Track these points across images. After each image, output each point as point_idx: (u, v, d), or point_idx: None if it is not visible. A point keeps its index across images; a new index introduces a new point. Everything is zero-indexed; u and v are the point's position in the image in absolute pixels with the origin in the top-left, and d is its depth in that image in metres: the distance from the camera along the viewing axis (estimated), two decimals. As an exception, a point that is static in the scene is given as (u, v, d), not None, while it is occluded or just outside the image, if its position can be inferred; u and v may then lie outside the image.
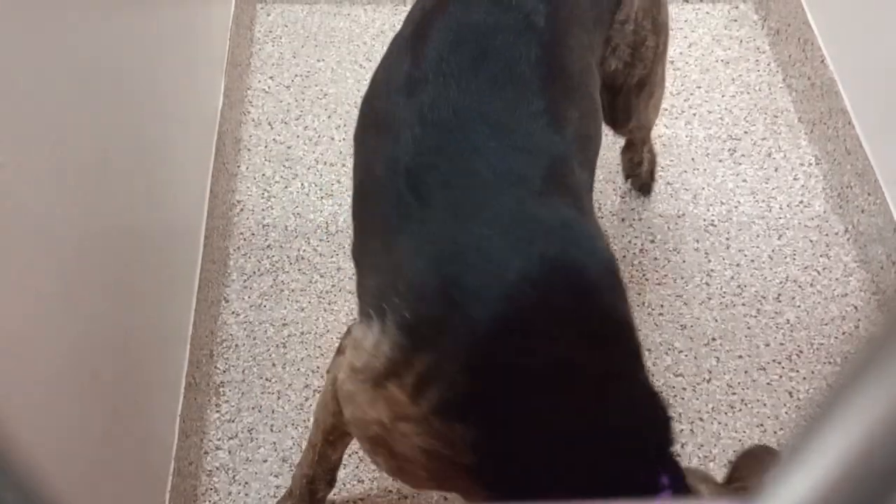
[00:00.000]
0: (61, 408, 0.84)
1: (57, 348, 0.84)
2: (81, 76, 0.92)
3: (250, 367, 1.44)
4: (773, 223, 1.62)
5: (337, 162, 1.70)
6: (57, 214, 0.85)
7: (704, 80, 1.85)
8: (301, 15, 1.97)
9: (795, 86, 1.81)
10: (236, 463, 1.34)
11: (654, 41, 1.21)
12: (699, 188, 1.67)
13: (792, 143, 1.75)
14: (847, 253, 1.58)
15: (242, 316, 1.50)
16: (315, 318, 1.49)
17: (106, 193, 0.99)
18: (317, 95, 1.81)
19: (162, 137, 1.23)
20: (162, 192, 1.22)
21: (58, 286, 0.84)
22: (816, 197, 1.67)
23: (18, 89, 0.76)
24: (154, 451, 1.15)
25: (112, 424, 0.99)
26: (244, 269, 1.55)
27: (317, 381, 1.42)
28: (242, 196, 1.65)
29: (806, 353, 1.46)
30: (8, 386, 0.73)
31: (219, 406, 1.40)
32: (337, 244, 1.58)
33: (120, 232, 1.04)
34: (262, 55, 1.89)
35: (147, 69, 1.18)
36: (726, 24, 1.96)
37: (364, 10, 1.97)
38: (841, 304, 1.52)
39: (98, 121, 0.97)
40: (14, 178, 0.74)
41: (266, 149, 1.73)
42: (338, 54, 1.89)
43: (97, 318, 0.95)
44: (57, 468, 0.82)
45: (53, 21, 0.85)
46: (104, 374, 0.96)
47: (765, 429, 1.37)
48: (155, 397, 1.17)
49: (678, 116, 1.79)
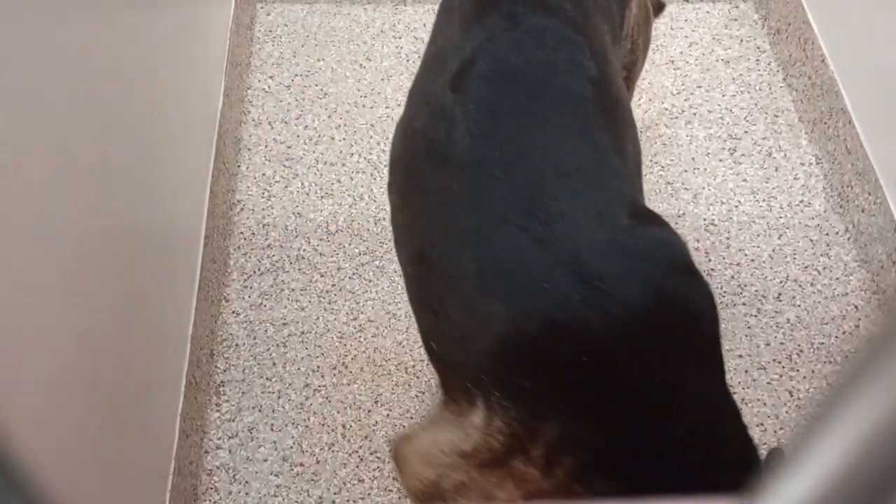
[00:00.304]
0: (61, 408, 0.84)
1: (57, 348, 0.84)
2: (82, 76, 0.92)
3: (250, 366, 1.44)
4: (774, 223, 1.62)
5: (337, 161, 1.70)
6: (57, 214, 0.84)
7: (705, 80, 1.85)
8: (301, 14, 1.97)
9: (796, 85, 1.81)
10: (237, 462, 1.34)
11: (642, 60, 1.20)
12: (699, 188, 1.67)
13: (792, 143, 1.75)
14: (847, 252, 1.58)
15: (243, 315, 1.50)
16: (315, 318, 1.49)
17: (106, 193, 0.99)
18: (317, 95, 1.81)
19: (162, 137, 1.23)
20: (162, 192, 1.22)
21: (58, 286, 0.84)
22: (817, 196, 1.67)
23: (18, 89, 0.76)
24: (154, 451, 1.15)
25: (112, 424, 0.99)
26: (244, 269, 1.55)
27: (317, 381, 1.42)
28: (242, 196, 1.65)
29: (806, 352, 1.46)
30: (8, 386, 0.73)
31: (219, 405, 1.40)
32: (337, 244, 1.58)
33: (120, 232, 1.04)
34: (262, 55, 1.89)
35: (147, 69, 1.18)
36: (726, 24, 1.96)
37: (364, 10, 1.97)
38: (841, 303, 1.52)
39: (98, 121, 0.97)
40: (14, 178, 0.74)
41: (266, 148, 1.73)
42: (338, 54, 1.89)
43: (97, 318, 0.95)
44: (57, 468, 0.82)
45: (53, 21, 0.85)
46: (104, 374, 0.96)
47: (765, 428, 1.37)
48: (155, 397, 1.17)
49: (678, 116, 1.79)
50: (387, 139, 1.73)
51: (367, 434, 1.37)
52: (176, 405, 1.24)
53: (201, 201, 1.45)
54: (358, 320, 1.49)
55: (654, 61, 1.88)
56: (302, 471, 1.33)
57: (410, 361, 1.44)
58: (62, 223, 0.86)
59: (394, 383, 1.42)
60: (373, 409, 1.39)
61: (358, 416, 1.38)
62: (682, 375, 0.76)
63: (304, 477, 1.33)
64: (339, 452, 1.35)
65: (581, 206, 0.81)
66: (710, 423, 0.77)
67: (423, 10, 1.95)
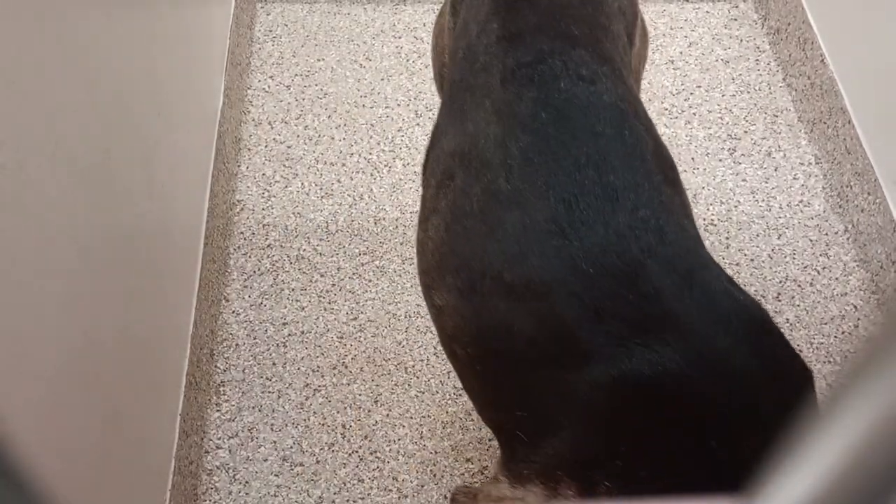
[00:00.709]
0: (61, 408, 0.84)
1: (57, 348, 0.84)
2: (82, 76, 0.92)
3: (251, 366, 1.44)
4: (773, 222, 1.62)
5: (337, 161, 1.70)
6: (57, 214, 0.84)
7: (704, 80, 1.85)
8: (301, 14, 1.97)
9: (795, 85, 1.81)
10: (237, 462, 1.34)
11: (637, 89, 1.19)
12: (699, 187, 1.67)
13: (792, 143, 1.75)
14: (847, 252, 1.58)
15: (243, 315, 1.50)
16: (315, 318, 1.49)
17: (106, 193, 0.99)
18: (317, 95, 1.81)
19: (162, 137, 1.23)
20: (162, 192, 1.22)
21: (58, 286, 0.84)
22: (816, 196, 1.67)
23: (19, 89, 0.76)
24: (154, 451, 1.15)
25: (112, 424, 0.99)
26: (244, 269, 1.55)
27: (317, 381, 1.42)
28: (243, 195, 1.65)
29: (805, 352, 1.46)
30: (8, 386, 0.73)
31: (219, 405, 1.40)
32: (337, 244, 1.58)
33: (120, 232, 1.04)
34: (262, 54, 1.89)
35: (147, 69, 1.18)
36: (726, 24, 1.96)
37: (364, 10, 1.97)
38: (840, 303, 1.52)
39: (98, 121, 0.97)
40: (14, 178, 0.74)
41: (266, 148, 1.73)
42: (338, 53, 1.89)
43: (97, 318, 0.95)
44: (57, 468, 0.82)
45: (53, 21, 0.85)
46: (104, 374, 0.96)
47: (765, 428, 1.37)
48: (155, 397, 1.17)
49: (678, 116, 1.79)
50: (387, 139, 1.73)
51: (366, 434, 1.37)
52: (176, 405, 1.24)
53: (201, 201, 1.45)
54: (358, 320, 1.49)
55: (653, 61, 1.88)
56: (302, 470, 1.33)
57: (410, 361, 1.44)
58: (62, 223, 0.86)
59: (394, 383, 1.42)
60: (373, 409, 1.39)
61: (358, 416, 1.38)
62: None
63: (304, 477, 1.33)
64: (338, 452, 1.35)
65: (676, 282, 0.78)
66: None
67: (422, 9, 1.95)
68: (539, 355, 0.79)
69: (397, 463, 1.34)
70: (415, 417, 1.39)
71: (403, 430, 1.37)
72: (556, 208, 0.81)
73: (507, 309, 0.81)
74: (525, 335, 0.80)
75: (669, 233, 0.81)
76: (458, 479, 1.33)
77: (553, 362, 0.78)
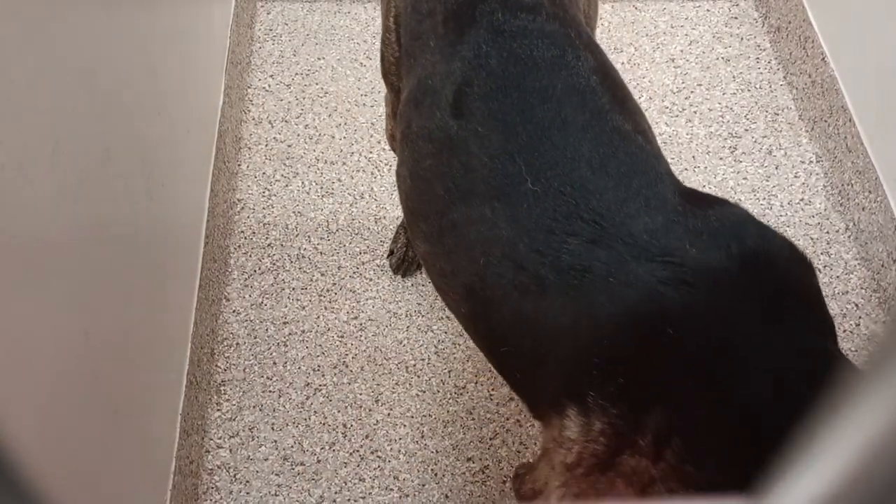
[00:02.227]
0: (61, 408, 0.84)
1: (57, 348, 0.83)
2: (82, 76, 0.92)
3: (251, 365, 1.44)
4: (774, 221, 1.62)
5: (337, 160, 1.70)
6: (57, 214, 0.84)
7: (705, 78, 1.85)
8: (301, 13, 1.97)
9: (796, 83, 1.81)
10: (237, 461, 1.34)
11: (594, 30, 1.18)
12: (700, 186, 1.67)
13: (793, 141, 1.75)
14: (848, 250, 1.58)
15: (243, 314, 1.50)
16: (316, 317, 1.49)
17: (106, 193, 0.99)
18: (317, 94, 1.81)
19: (162, 137, 1.23)
20: (162, 192, 1.22)
21: (58, 286, 0.84)
22: (817, 195, 1.67)
23: (19, 89, 0.76)
24: (155, 450, 1.15)
25: (112, 424, 0.98)
26: (245, 268, 1.55)
27: (317, 380, 1.42)
28: (243, 195, 1.65)
29: (807, 350, 1.45)
30: (8, 386, 0.73)
31: (220, 405, 1.40)
32: (337, 242, 1.58)
33: (120, 231, 1.04)
34: (262, 53, 1.89)
35: (147, 69, 1.17)
36: (727, 22, 1.95)
37: (364, 8, 1.97)
38: (842, 301, 1.52)
39: (98, 120, 0.97)
40: (14, 178, 0.74)
41: (266, 147, 1.72)
42: (338, 52, 1.89)
43: (97, 318, 0.95)
44: (57, 468, 0.82)
45: (54, 21, 0.85)
46: (105, 374, 0.96)
47: (766, 427, 1.37)
48: (156, 396, 1.17)
49: (679, 114, 1.78)
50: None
51: (367, 433, 1.37)
52: (177, 404, 1.24)
53: (202, 200, 1.45)
54: (358, 319, 1.49)
55: (654, 59, 1.88)
56: (303, 470, 1.33)
57: (411, 360, 1.44)
58: (62, 223, 0.86)
59: (394, 382, 1.42)
60: (373, 408, 1.39)
61: (359, 415, 1.38)
62: (781, 334, 0.72)
63: (304, 476, 1.33)
64: (339, 451, 1.35)
65: (626, 195, 0.79)
66: (821, 383, 0.71)
67: (423, 8, 1.94)
68: (504, 284, 0.82)
69: (398, 462, 1.34)
70: (416, 416, 1.38)
71: (404, 429, 1.37)
72: (506, 138, 0.83)
73: (474, 241, 0.84)
74: (492, 269, 0.82)
75: (620, 150, 0.82)
76: (458, 479, 1.33)
77: (517, 289, 0.80)
